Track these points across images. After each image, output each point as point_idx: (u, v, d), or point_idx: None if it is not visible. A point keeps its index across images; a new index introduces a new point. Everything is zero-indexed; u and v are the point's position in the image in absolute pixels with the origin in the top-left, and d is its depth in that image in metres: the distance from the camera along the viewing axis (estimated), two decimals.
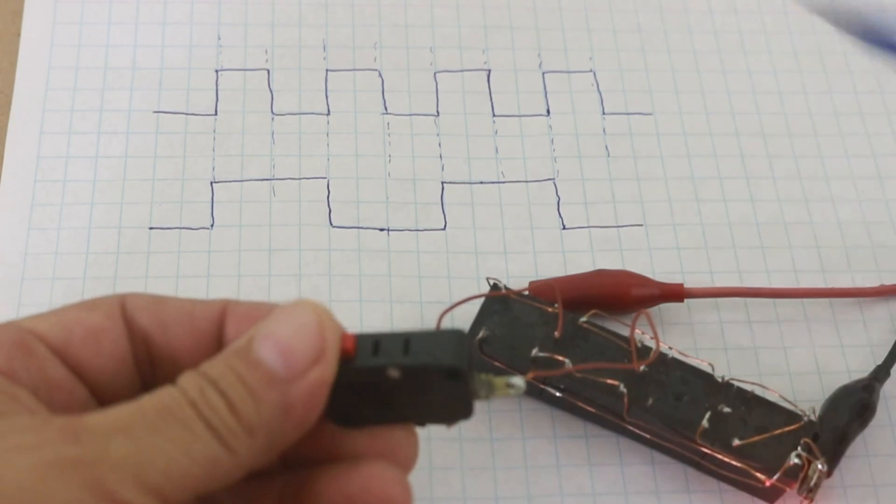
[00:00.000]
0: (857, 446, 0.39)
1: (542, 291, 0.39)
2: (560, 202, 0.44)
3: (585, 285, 0.40)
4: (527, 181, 0.45)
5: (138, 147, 0.44)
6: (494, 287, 0.39)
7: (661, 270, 0.42)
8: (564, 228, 0.43)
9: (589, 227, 0.43)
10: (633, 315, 0.38)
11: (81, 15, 0.47)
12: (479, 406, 0.39)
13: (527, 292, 0.38)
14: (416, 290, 0.41)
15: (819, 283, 0.43)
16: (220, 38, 0.47)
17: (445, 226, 0.43)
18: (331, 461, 0.28)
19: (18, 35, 0.46)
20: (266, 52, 0.47)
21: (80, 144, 0.44)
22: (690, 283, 0.42)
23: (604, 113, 0.47)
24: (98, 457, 0.23)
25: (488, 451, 0.38)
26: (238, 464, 0.25)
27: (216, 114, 0.45)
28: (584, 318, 0.38)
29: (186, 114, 0.45)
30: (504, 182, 0.44)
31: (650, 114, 0.47)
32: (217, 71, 0.46)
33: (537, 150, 0.45)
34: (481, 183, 0.44)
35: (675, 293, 0.41)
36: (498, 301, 0.38)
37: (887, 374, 0.40)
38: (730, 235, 0.44)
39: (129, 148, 0.44)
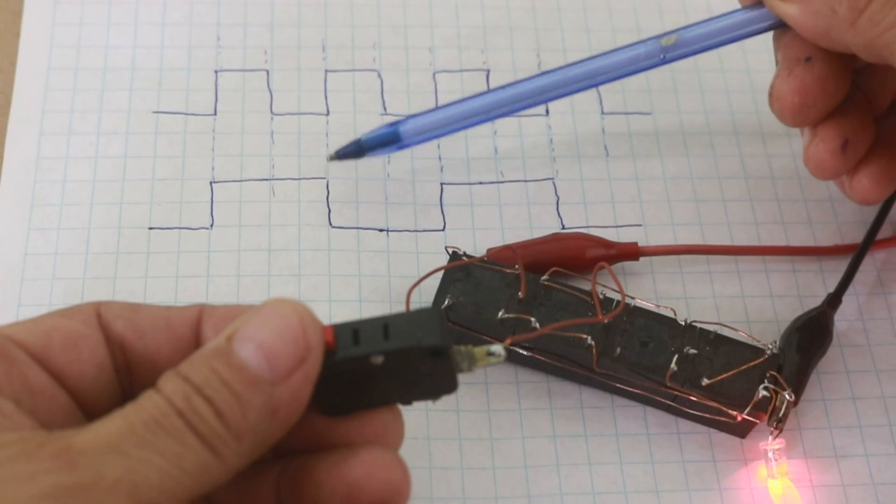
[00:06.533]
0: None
1: (501, 256, 0.39)
2: (559, 202, 0.44)
3: (542, 250, 0.41)
4: (526, 181, 0.45)
5: (138, 147, 0.44)
6: (454, 255, 0.39)
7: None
8: (563, 228, 0.43)
9: (588, 226, 0.43)
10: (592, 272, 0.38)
11: (81, 16, 0.47)
12: (479, 405, 0.39)
13: (486, 259, 0.39)
14: (415, 290, 0.41)
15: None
16: (219, 39, 0.47)
17: (445, 226, 0.43)
18: (323, 448, 0.29)
19: (18, 35, 0.46)
20: (265, 52, 0.47)
21: (79, 145, 0.44)
22: (690, 281, 0.42)
23: (603, 112, 0.47)
24: (94, 481, 0.23)
25: (488, 450, 0.38)
26: (227, 469, 0.25)
27: (215, 114, 0.45)
28: (545, 277, 0.38)
29: (186, 114, 0.45)
30: (503, 182, 0.44)
31: (649, 113, 0.47)
32: (216, 71, 0.46)
33: (536, 150, 0.45)
34: (480, 183, 0.44)
35: (631, 252, 0.41)
36: (459, 269, 0.38)
37: (839, 302, 0.41)
38: (728, 235, 0.44)
39: (128, 148, 0.44)
